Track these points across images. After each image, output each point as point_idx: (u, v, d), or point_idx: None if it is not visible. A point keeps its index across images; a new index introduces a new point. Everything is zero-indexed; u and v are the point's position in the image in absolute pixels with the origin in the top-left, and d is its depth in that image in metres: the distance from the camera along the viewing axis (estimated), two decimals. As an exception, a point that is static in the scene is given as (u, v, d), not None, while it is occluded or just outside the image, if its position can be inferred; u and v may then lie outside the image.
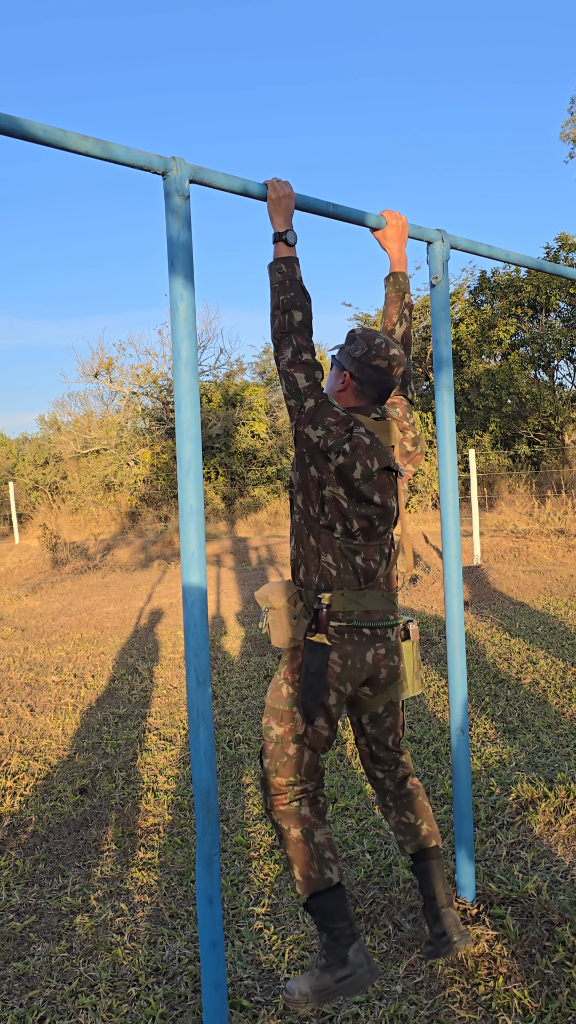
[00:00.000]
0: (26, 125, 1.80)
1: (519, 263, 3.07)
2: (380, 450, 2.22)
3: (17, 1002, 2.44)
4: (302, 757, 2.24)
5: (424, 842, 2.40)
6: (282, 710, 2.26)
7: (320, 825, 2.24)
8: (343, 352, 2.34)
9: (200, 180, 2.10)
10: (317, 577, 2.24)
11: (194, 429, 2.06)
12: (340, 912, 2.18)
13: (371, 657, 2.25)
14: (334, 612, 2.21)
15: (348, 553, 2.23)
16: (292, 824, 2.23)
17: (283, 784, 2.25)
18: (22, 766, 4.33)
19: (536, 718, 4.57)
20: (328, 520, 2.21)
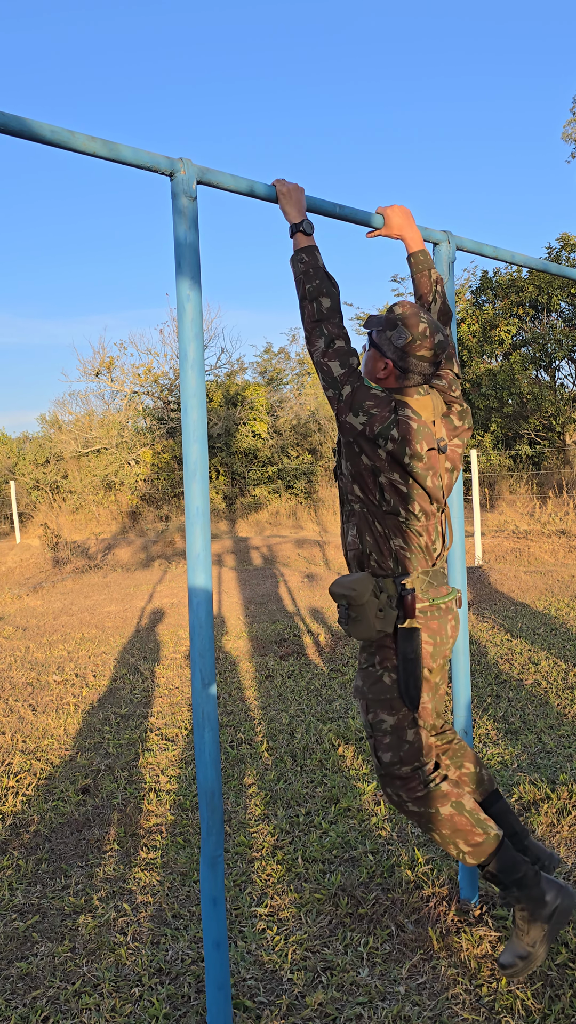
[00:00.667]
0: (34, 126, 1.80)
1: (524, 264, 3.07)
2: (426, 431, 2.21)
3: (20, 1002, 2.44)
4: (421, 739, 2.27)
5: (489, 785, 2.45)
6: (390, 699, 2.26)
7: (463, 793, 2.27)
8: (384, 337, 2.26)
9: (207, 181, 2.10)
10: (392, 562, 2.26)
11: (200, 430, 2.06)
12: (517, 860, 2.23)
13: (450, 629, 2.32)
14: (417, 595, 2.24)
15: (414, 535, 2.25)
16: (439, 802, 2.23)
17: (410, 772, 2.26)
18: (24, 765, 4.33)
19: (538, 719, 4.57)
20: (391, 506, 2.22)
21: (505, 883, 2.23)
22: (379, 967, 2.50)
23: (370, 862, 3.10)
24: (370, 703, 2.29)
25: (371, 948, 2.59)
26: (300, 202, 2.28)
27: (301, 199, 2.29)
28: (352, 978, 2.45)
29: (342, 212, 2.44)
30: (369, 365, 2.33)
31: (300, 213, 2.28)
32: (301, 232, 2.27)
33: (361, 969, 2.49)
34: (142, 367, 21.31)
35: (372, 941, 2.63)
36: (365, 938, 2.64)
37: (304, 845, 3.27)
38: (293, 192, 2.27)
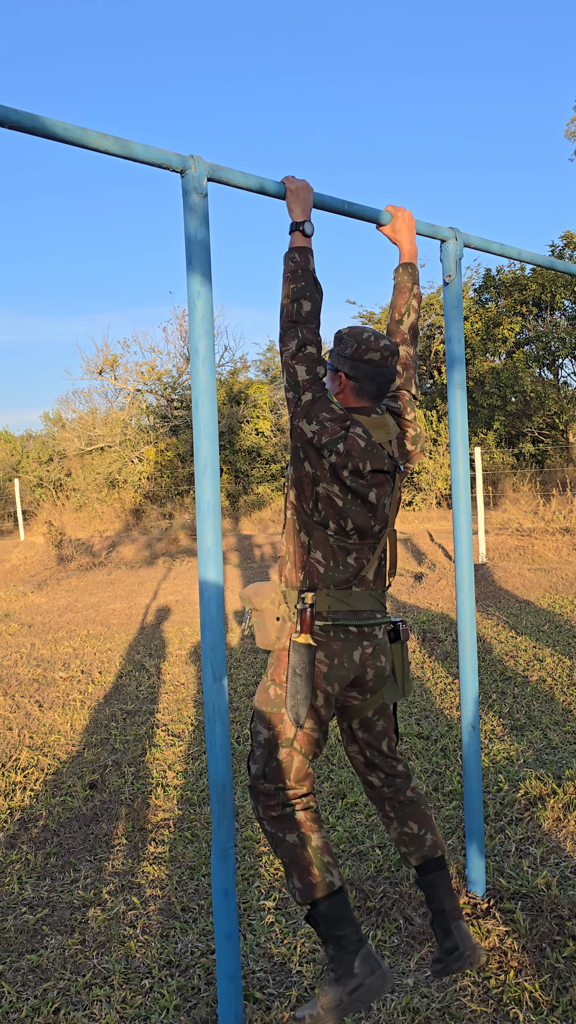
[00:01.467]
0: (48, 123, 1.82)
1: (530, 261, 3.08)
2: (375, 453, 2.17)
3: (32, 993, 2.46)
4: (291, 762, 2.17)
5: (430, 852, 2.32)
6: (270, 712, 2.19)
7: (316, 829, 2.17)
8: (333, 354, 2.28)
9: (218, 178, 2.12)
10: (303, 575, 2.20)
11: (211, 425, 2.07)
12: (345, 917, 2.10)
13: (358, 656, 2.19)
14: (319, 611, 2.17)
15: (340, 552, 2.18)
16: (287, 830, 2.16)
17: (272, 790, 2.18)
18: (32, 761, 4.35)
19: (543, 715, 4.59)
20: (322, 517, 2.16)
21: (324, 935, 2.11)
22: (388, 959, 2.52)
23: (378, 856, 3.11)
24: (255, 712, 2.24)
25: (379, 941, 2.61)
26: (307, 201, 2.29)
27: (308, 198, 2.29)
28: (361, 970, 2.47)
29: (350, 209, 2.46)
30: (328, 385, 2.29)
31: (304, 213, 2.28)
32: (300, 232, 2.26)
33: (369, 961, 2.51)
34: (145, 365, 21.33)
35: (380, 934, 2.64)
36: (373, 931, 2.66)
37: (311, 839, 3.28)
38: (301, 191, 2.28)
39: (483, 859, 2.80)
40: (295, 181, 2.28)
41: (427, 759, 4.03)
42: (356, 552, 2.20)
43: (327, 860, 2.13)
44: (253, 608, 2.26)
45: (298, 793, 2.19)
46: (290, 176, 2.29)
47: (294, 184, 2.27)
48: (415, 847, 2.32)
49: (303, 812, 2.18)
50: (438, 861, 2.32)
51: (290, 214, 2.28)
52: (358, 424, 2.18)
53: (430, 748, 4.18)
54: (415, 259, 2.58)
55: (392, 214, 2.56)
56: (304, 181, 2.29)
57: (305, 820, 2.17)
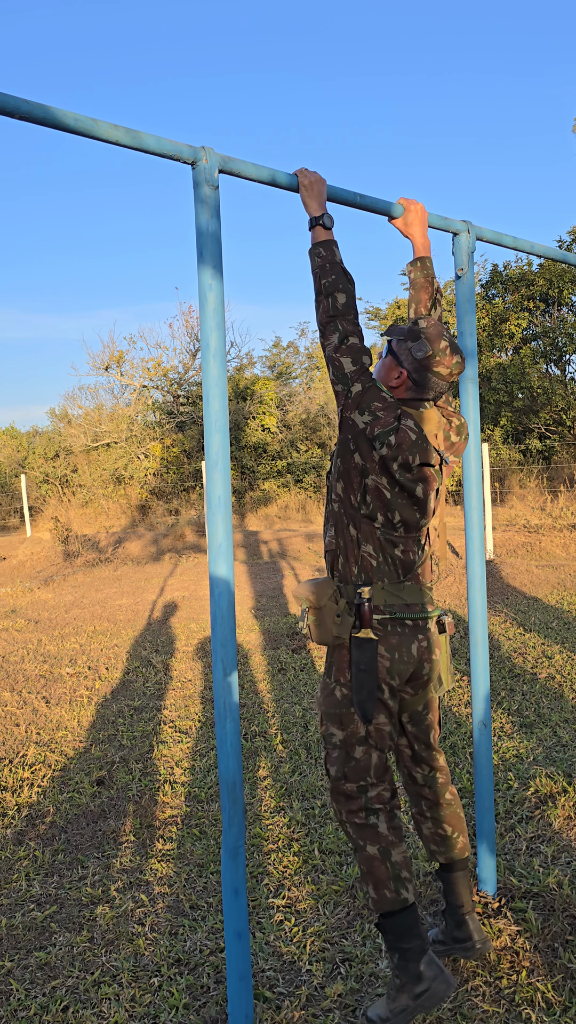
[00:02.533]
0: (58, 114, 1.79)
1: (543, 254, 3.05)
2: (424, 447, 2.17)
3: (40, 991, 2.45)
4: (370, 759, 2.20)
5: (459, 855, 2.38)
6: (340, 713, 2.21)
7: (397, 843, 2.18)
8: (403, 347, 2.26)
9: (229, 170, 2.09)
10: (357, 568, 2.21)
11: (222, 420, 2.05)
12: (414, 931, 2.14)
13: (416, 650, 2.23)
14: (376, 605, 2.18)
15: (387, 544, 2.20)
16: (368, 840, 2.17)
17: (354, 790, 2.19)
18: (39, 757, 4.34)
19: (553, 713, 4.56)
20: (370, 510, 2.18)
21: (390, 944, 2.16)
22: (398, 959, 2.50)
23: (387, 854, 3.09)
24: (323, 715, 2.26)
25: (389, 940, 2.59)
26: (321, 194, 2.27)
27: (323, 191, 2.27)
28: (371, 969, 2.45)
29: (362, 202, 2.43)
30: (383, 372, 2.31)
31: (321, 206, 2.26)
32: (321, 225, 2.25)
33: (380, 960, 2.49)
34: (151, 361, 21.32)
35: (390, 933, 2.62)
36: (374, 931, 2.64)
37: (320, 837, 3.27)
38: (315, 184, 2.25)
39: (494, 858, 2.78)
40: (308, 175, 2.26)
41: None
42: (403, 545, 2.22)
43: (404, 876, 2.16)
44: (311, 606, 2.24)
45: (382, 795, 2.21)
46: (303, 169, 2.26)
47: (307, 179, 2.25)
48: (445, 848, 2.38)
49: (386, 822, 2.19)
50: (462, 862, 2.39)
51: (307, 209, 2.27)
52: (409, 416, 2.19)
53: (440, 745, 4.15)
54: (428, 252, 2.56)
55: (404, 207, 2.53)
56: (316, 174, 2.27)
57: (387, 832, 2.18)
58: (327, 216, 2.25)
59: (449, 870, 2.38)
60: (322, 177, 2.27)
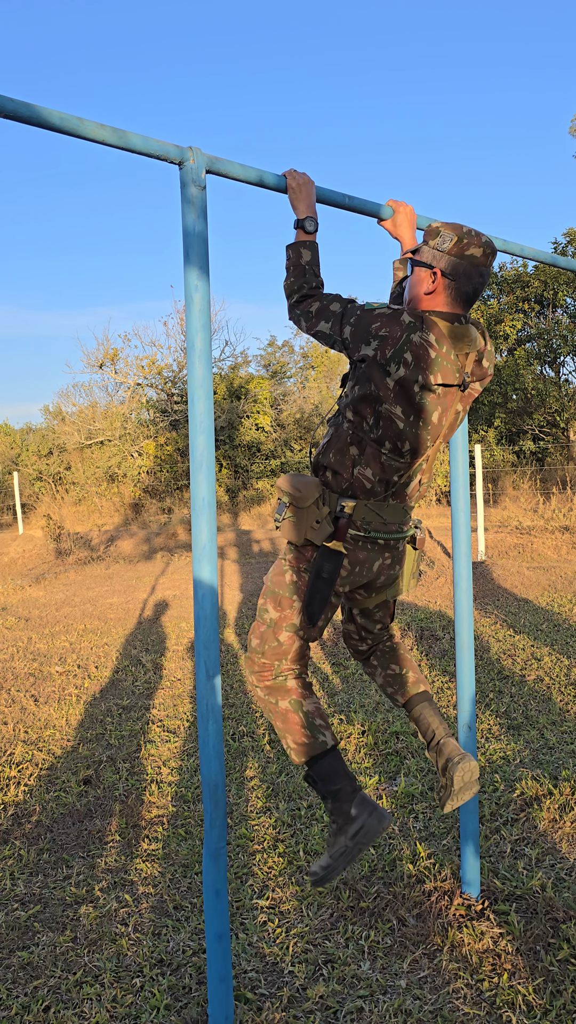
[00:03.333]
0: (43, 113, 1.79)
1: (534, 258, 3.05)
2: (445, 365, 2.09)
3: (22, 991, 2.45)
4: (292, 646, 2.26)
5: (413, 688, 2.48)
6: (282, 595, 2.25)
7: (307, 695, 2.27)
8: (426, 250, 2.14)
9: (216, 170, 2.09)
10: (347, 485, 2.19)
11: (207, 421, 2.05)
12: (339, 772, 2.21)
13: (377, 566, 2.27)
14: (354, 521, 2.19)
15: (390, 470, 2.17)
16: (279, 696, 2.27)
17: (268, 664, 2.28)
18: (26, 756, 4.34)
19: (540, 715, 4.57)
20: (379, 435, 2.13)
21: (322, 792, 2.22)
22: (380, 961, 2.50)
23: (372, 856, 3.10)
24: (266, 590, 2.30)
25: (372, 942, 2.59)
26: (309, 196, 2.27)
27: (311, 193, 2.27)
28: (353, 971, 2.45)
29: (351, 203, 2.43)
30: (415, 287, 2.18)
31: (307, 209, 2.26)
32: (301, 228, 2.26)
33: (362, 962, 2.49)
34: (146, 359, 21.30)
35: (373, 935, 2.63)
36: (366, 932, 2.64)
37: (306, 838, 3.27)
38: (303, 187, 2.26)
39: (478, 860, 2.78)
40: (296, 177, 2.26)
41: (423, 758, 4.01)
42: (405, 471, 2.20)
43: (319, 723, 2.23)
44: (293, 503, 2.20)
45: (293, 668, 2.29)
46: (292, 171, 2.27)
47: (295, 181, 2.26)
48: (399, 686, 2.49)
49: (295, 680, 2.28)
50: (422, 694, 2.47)
51: (294, 211, 2.28)
52: (430, 328, 2.07)
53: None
54: None
55: (394, 209, 2.53)
56: (305, 176, 2.27)
57: (296, 687, 2.27)
58: (309, 220, 2.24)
59: (412, 705, 2.46)
60: (310, 179, 2.27)
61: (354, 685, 5.30)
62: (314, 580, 2.19)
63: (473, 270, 2.12)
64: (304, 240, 2.25)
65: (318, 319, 2.18)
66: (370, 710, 4.77)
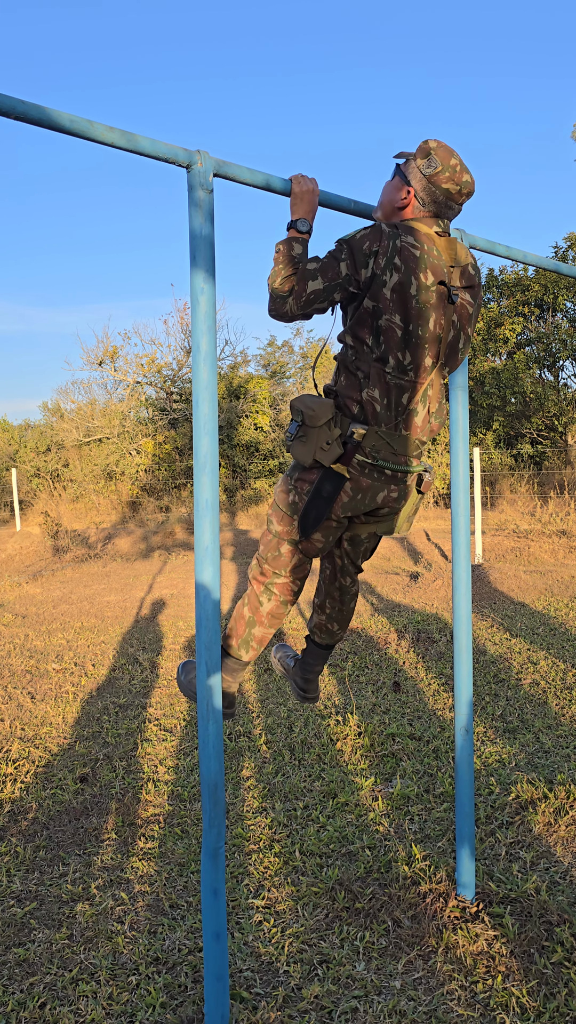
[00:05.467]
0: (53, 115, 1.80)
1: (535, 263, 3.07)
2: (433, 263, 2.13)
3: (18, 988, 2.46)
4: (292, 558, 2.41)
5: (333, 640, 2.78)
6: (284, 512, 2.37)
7: (265, 624, 2.50)
8: (412, 165, 2.24)
9: (224, 174, 2.10)
10: (358, 408, 2.21)
11: (212, 423, 2.06)
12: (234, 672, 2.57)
13: (381, 497, 2.31)
14: (363, 447, 2.21)
15: (396, 390, 2.18)
16: (250, 605, 2.51)
17: (269, 571, 2.46)
18: (23, 753, 4.34)
19: (536, 719, 4.58)
20: (382, 351, 2.14)
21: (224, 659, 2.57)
22: (375, 961, 2.52)
23: (367, 857, 3.11)
24: (272, 505, 2.43)
25: (367, 943, 2.61)
26: (309, 204, 2.26)
27: (313, 202, 2.27)
28: (348, 972, 2.47)
29: (356, 208, 2.44)
30: (389, 193, 2.28)
31: (303, 213, 2.25)
32: (294, 228, 2.26)
33: (357, 963, 2.51)
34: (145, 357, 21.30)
35: (369, 936, 2.64)
36: (362, 932, 2.66)
37: (302, 839, 3.28)
38: (306, 194, 2.25)
39: (473, 862, 2.80)
40: (301, 184, 2.25)
41: (419, 760, 4.03)
42: (410, 392, 2.20)
43: (253, 645, 2.52)
44: (306, 423, 2.21)
45: (285, 587, 2.47)
46: (299, 176, 2.26)
47: (300, 187, 2.25)
48: (327, 636, 2.77)
49: (270, 606, 2.49)
50: (333, 646, 2.81)
51: (291, 212, 2.28)
52: (410, 231, 2.15)
53: (422, 749, 4.17)
54: None
55: None
56: (311, 183, 2.26)
57: (264, 613, 2.50)
58: (302, 220, 2.24)
59: (321, 648, 2.79)
60: (316, 187, 2.27)
61: (350, 687, 5.31)
62: (313, 496, 2.25)
63: (444, 202, 2.25)
64: (296, 237, 2.25)
65: (304, 287, 2.15)
66: (366, 712, 4.78)
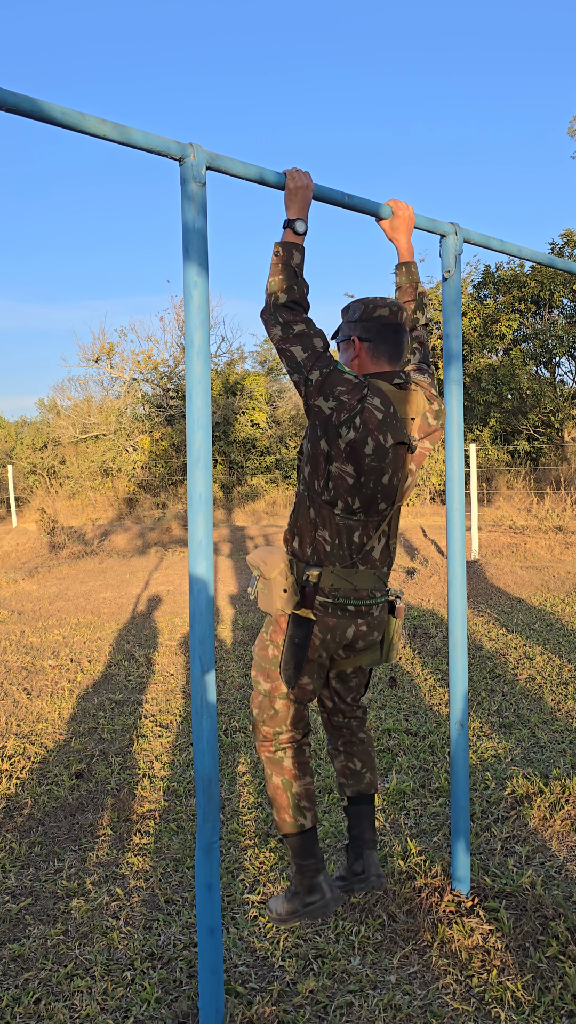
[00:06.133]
0: (45, 107, 1.79)
1: (530, 258, 3.06)
2: (395, 424, 2.18)
3: (13, 983, 2.45)
4: (288, 710, 2.34)
5: (366, 788, 2.52)
6: (268, 668, 2.34)
7: (300, 776, 2.35)
8: (343, 325, 2.33)
9: (217, 167, 2.09)
10: (311, 551, 2.25)
11: (205, 418, 2.05)
12: (310, 851, 2.33)
13: (351, 632, 2.29)
14: (322, 588, 2.23)
15: (346, 530, 2.22)
16: (275, 771, 2.36)
17: (270, 733, 2.36)
18: (18, 749, 4.34)
19: (532, 714, 4.59)
20: (331, 496, 2.19)
21: (292, 860, 2.35)
22: (371, 956, 2.52)
23: (363, 852, 3.11)
24: (254, 664, 2.39)
25: (363, 937, 2.61)
26: (304, 200, 2.25)
27: (307, 197, 2.25)
28: (343, 966, 2.47)
29: (350, 202, 2.43)
30: (342, 358, 2.34)
31: (299, 211, 2.23)
32: (291, 229, 2.23)
33: (353, 958, 2.51)
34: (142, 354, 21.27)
35: (364, 930, 2.64)
36: (357, 927, 2.66)
37: (297, 834, 3.27)
38: (300, 190, 2.24)
39: (469, 857, 2.80)
40: (296, 179, 2.24)
41: (415, 755, 4.03)
42: (361, 529, 2.24)
43: (304, 805, 2.34)
44: (261, 575, 2.32)
45: (294, 736, 2.37)
46: (294, 170, 2.25)
47: (293, 183, 2.24)
48: (354, 781, 2.52)
49: (293, 758, 2.36)
50: (369, 797, 2.53)
51: (286, 210, 2.26)
52: (376, 394, 2.19)
53: (418, 744, 4.18)
54: (412, 257, 2.58)
55: (393, 210, 2.53)
56: (305, 179, 2.25)
57: (292, 767, 2.35)
58: (300, 222, 2.22)
59: (356, 803, 2.51)
60: (309, 183, 2.25)
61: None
62: (288, 644, 2.26)
63: (385, 328, 2.27)
64: (294, 241, 2.22)
65: (297, 341, 2.15)
66: (362, 707, 4.78)
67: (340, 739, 2.54)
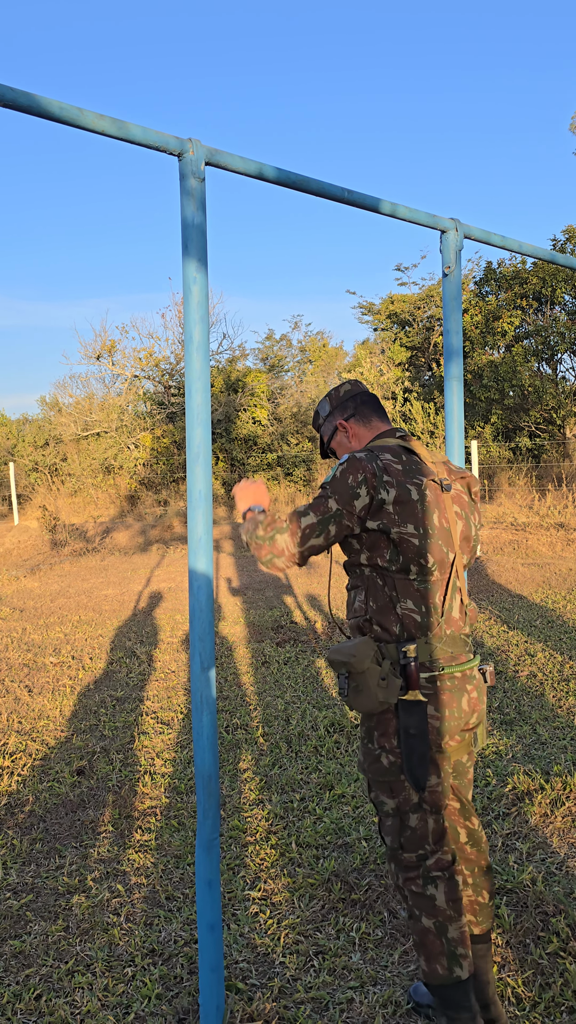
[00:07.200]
0: (43, 102, 1.78)
1: (531, 254, 3.06)
2: (414, 468, 2.09)
3: (14, 979, 2.46)
4: (426, 825, 2.06)
5: (489, 924, 2.25)
6: (389, 781, 2.06)
7: (455, 917, 2.04)
8: (325, 423, 2.34)
9: (216, 162, 2.09)
10: (398, 627, 2.06)
11: (204, 414, 2.05)
12: (463, 1005, 2.03)
13: (467, 702, 2.08)
14: (422, 662, 2.04)
15: (426, 594, 2.06)
16: (425, 912, 2.05)
17: (413, 859, 2.07)
18: (20, 746, 4.34)
19: (533, 710, 4.59)
20: (401, 563, 2.04)
21: (440, 1010, 2.07)
22: (371, 952, 2.52)
23: (363, 848, 3.11)
24: (371, 783, 2.12)
25: (363, 933, 2.61)
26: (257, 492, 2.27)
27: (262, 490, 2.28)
28: (344, 962, 2.47)
29: (350, 197, 2.43)
30: (342, 447, 2.31)
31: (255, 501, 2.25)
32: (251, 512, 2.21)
33: (353, 954, 2.51)
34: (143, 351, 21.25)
35: (364, 927, 2.64)
36: (357, 923, 2.66)
37: (298, 830, 3.28)
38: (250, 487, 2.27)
39: (469, 854, 2.80)
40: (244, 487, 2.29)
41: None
42: (439, 591, 2.08)
43: (460, 952, 2.03)
44: (351, 671, 2.03)
45: (441, 861, 2.08)
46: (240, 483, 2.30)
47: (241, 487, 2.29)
48: (483, 918, 2.24)
49: (445, 893, 2.06)
50: (488, 935, 2.26)
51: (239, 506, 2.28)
52: (384, 450, 2.11)
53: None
54: None
55: None
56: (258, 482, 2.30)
57: (445, 906, 2.05)
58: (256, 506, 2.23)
59: (481, 940, 2.22)
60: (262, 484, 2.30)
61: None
62: (405, 740, 2.01)
63: (355, 398, 2.31)
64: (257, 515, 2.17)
65: (297, 520, 2.04)
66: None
67: (468, 863, 2.22)
